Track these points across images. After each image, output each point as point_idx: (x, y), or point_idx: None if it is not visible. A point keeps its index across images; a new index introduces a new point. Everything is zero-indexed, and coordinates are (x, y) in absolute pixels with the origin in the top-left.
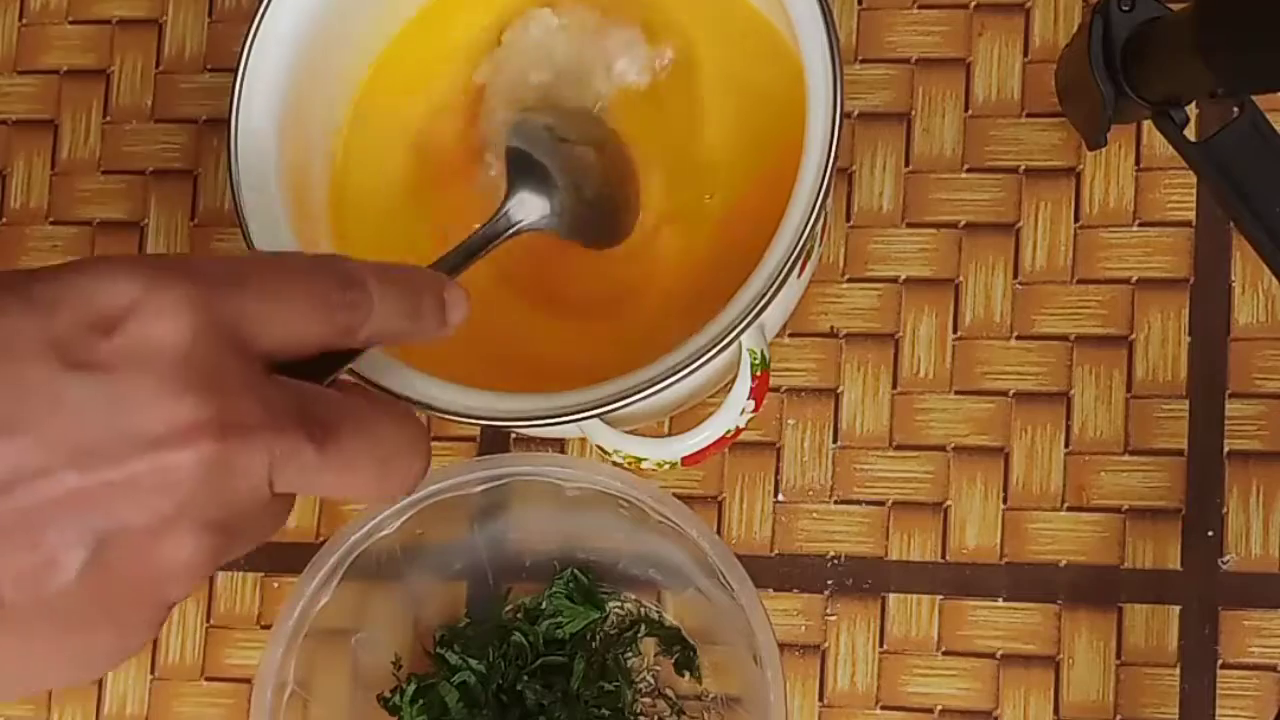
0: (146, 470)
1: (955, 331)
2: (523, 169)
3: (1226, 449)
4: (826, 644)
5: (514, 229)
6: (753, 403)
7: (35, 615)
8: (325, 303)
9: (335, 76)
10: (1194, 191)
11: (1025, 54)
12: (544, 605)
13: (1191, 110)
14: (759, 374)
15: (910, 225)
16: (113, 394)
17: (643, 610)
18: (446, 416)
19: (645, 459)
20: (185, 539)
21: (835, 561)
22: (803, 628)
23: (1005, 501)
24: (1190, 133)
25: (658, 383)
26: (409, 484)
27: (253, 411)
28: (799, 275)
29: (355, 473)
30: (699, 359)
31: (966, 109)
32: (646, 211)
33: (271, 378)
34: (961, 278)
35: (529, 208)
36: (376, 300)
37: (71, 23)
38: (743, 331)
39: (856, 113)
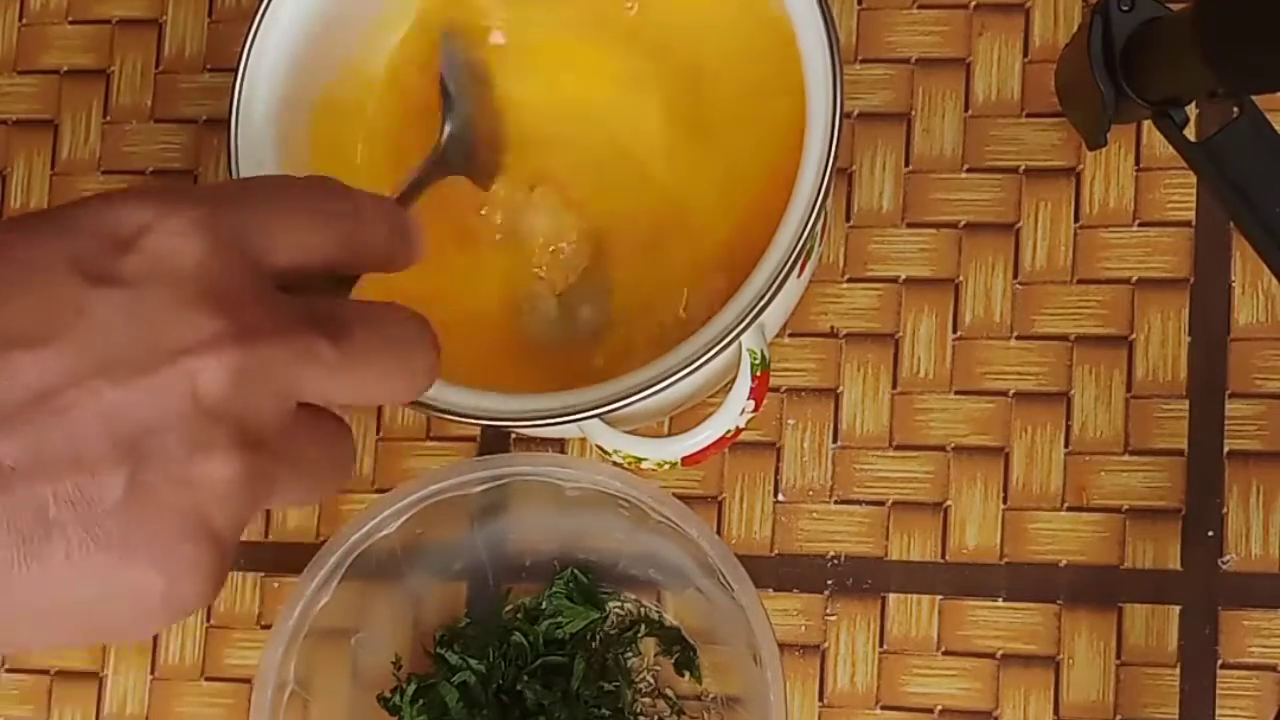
0: (175, 379)
1: (955, 331)
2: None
3: (1226, 449)
4: (826, 644)
5: (436, 163)
6: (753, 403)
7: (84, 542)
8: (323, 212)
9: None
10: (1194, 191)
11: (1025, 54)
12: (544, 605)
13: (1191, 110)
14: (759, 374)
15: (910, 225)
16: (135, 307)
17: (643, 610)
18: (446, 416)
19: (645, 459)
20: (219, 454)
21: (835, 561)
22: (803, 628)
23: (1005, 501)
24: (1190, 133)
25: (658, 383)
26: (427, 374)
27: (268, 318)
28: (799, 275)
29: (374, 367)
30: (699, 359)
31: (966, 109)
32: (646, 211)
33: (279, 291)
34: (961, 278)
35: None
36: (366, 215)
37: (71, 23)
38: (743, 331)
39: (856, 113)
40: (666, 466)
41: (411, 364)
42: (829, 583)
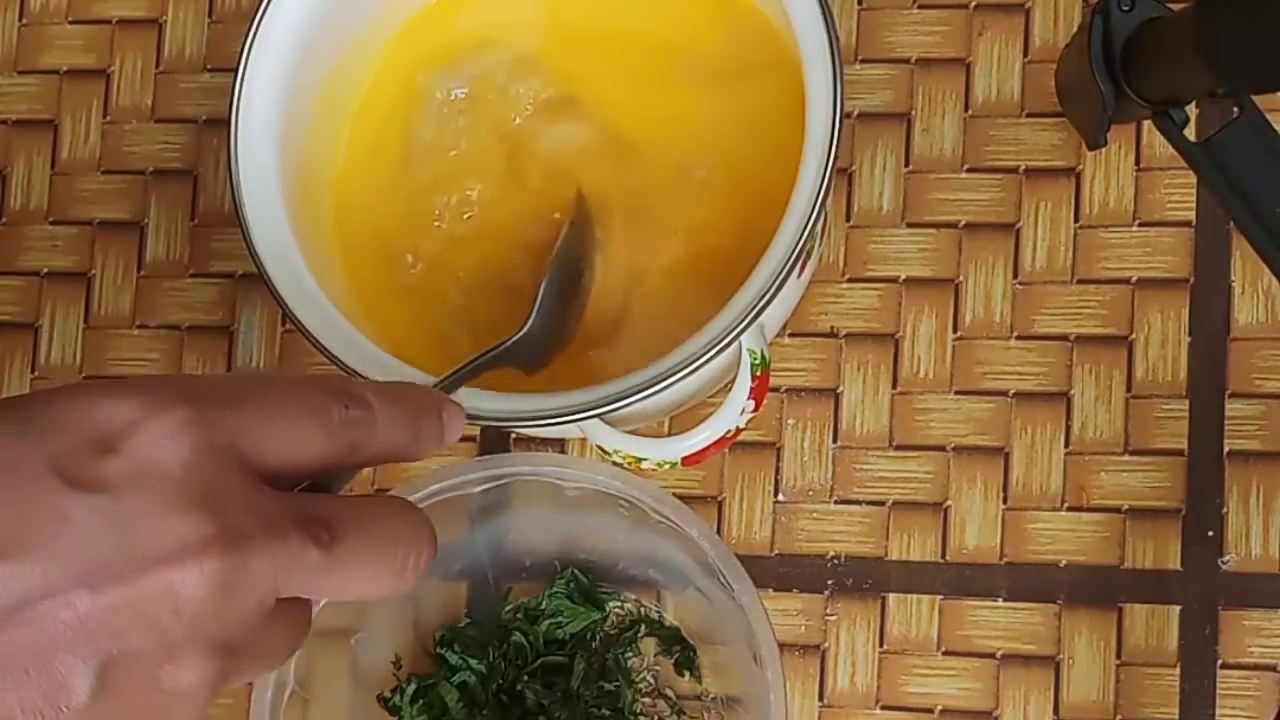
0: (154, 590)
1: (955, 331)
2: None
3: (1226, 449)
4: (826, 644)
5: (497, 355)
6: (753, 403)
7: None
8: (327, 420)
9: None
10: (1194, 191)
11: (1025, 54)
12: (544, 605)
13: (1191, 110)
14: (759, 374)
15: (910, 225)
16: (117, 513)
17: (643, 610)
18: None
19: (645, 459)
20: (192, 662)
21: (835, 561)
22: (803, 628)
23: (1005, 501)
24: (1190, 133)
25: (658, 383)
26: (417, 574)
27: (254, 524)
28: (799, 275)
29: (361, 569)
30: (699, 359)
31: (966, 109)
32: (647, 212)
33: (271, 490)
34: (961, 278)
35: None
36: (380, 418)
37: (71, 23)
38: (743, 331)
39: (856, 113)
40: (666, 466)
41: (402, 564)
42: (829, 583)
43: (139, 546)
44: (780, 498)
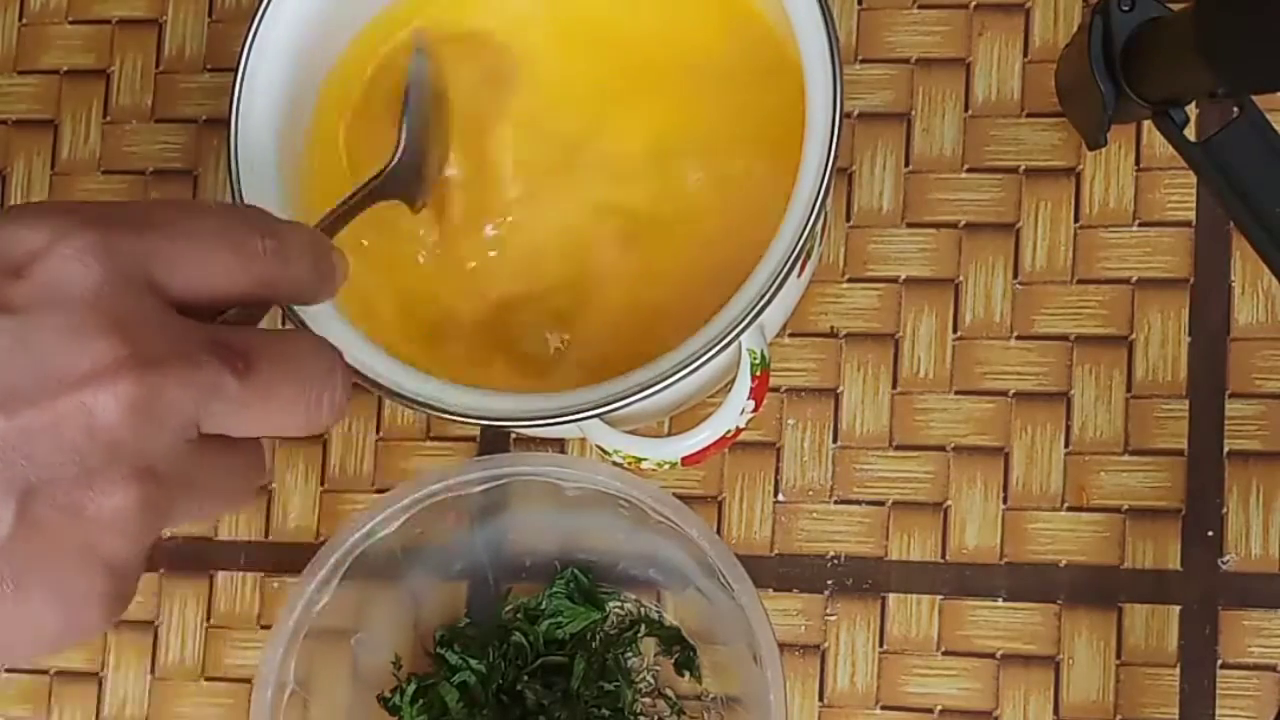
0: (68, 411)
1: (955, 331)
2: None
3: (1226, 449)
4: (826, 644)
5: (375, 189)
6: (753, 403)
7: None
8: (243, 250)
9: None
10: (1194, 191)
11: (1025, 54)
12: (544, 605)
13: (1191, 110)
14: (759, 374)
15: (910, 225)
16: (27, 336)
17: (643, 610)
18: (446, 416)
19: (645, 459)
20: (112, 487)
21: (835, 561)
22: (803, 628)
23: (1005, 501)
24: (1190, 133)
25: (658, 383)
26: (332, 412)
27: (169, 347)
28: (799, 275)
29: (278, 402)
30: (699, 359)
31: (966, 109)
32: (648, 213)
33: (185, 318)
34: (961, 278)
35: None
36: (291, 255)
37: (71, 23)
38: (743, 331)
39: (856, 113)
40: (666, 466)
41: (318, 399)
42: (829, 583)
43: (49, 369)
44: (780, 498)
